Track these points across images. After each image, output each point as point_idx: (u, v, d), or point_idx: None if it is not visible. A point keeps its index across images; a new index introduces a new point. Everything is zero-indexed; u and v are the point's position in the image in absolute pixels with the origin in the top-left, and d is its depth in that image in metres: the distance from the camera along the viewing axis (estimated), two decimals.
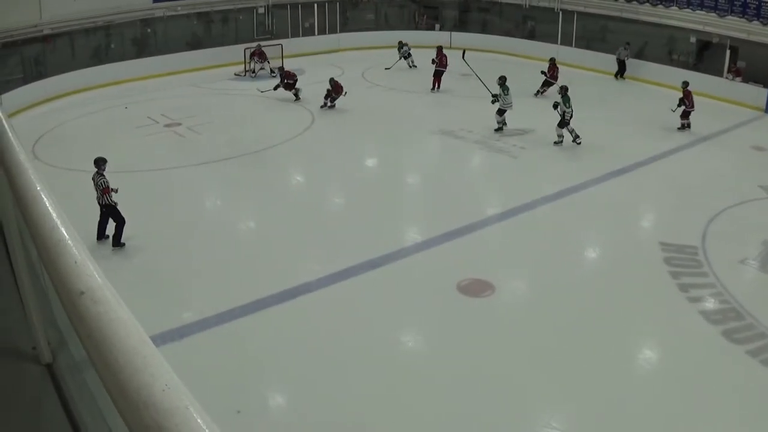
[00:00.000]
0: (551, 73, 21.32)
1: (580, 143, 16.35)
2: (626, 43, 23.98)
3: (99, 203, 11.20)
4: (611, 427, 7.38)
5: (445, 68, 21.89)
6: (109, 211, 11.24)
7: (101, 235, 11.32)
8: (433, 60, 22.01)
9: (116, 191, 11.19)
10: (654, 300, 9.93)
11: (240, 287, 10.01)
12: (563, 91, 16.63)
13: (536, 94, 21.31)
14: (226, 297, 9.66)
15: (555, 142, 16.64)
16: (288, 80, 20.73)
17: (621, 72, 24.11)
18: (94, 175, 11.28)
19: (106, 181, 11.14)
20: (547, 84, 21.33)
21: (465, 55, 19.73)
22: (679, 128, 18.04)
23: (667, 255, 11.21)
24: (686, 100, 17.97)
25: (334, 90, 19.79)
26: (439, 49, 22.46)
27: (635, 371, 8.58)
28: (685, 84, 18.22)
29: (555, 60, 21.99)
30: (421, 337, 9.36)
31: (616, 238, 12.11)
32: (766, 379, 8.24)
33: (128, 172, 14.60)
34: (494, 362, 8.41)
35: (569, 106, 16.19)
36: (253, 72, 24.27)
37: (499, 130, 17.56)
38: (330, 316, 9.39)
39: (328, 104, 19.83)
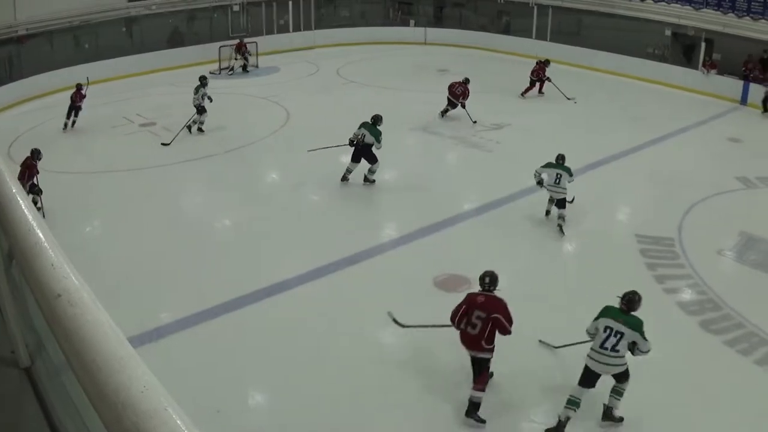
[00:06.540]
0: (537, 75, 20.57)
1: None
2: None
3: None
4: (589, 418, 7.43)
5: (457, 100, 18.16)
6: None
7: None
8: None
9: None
10: None
11: (218, 286, 9.94)
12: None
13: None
14: (205, 296, 9.61)
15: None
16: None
17: None
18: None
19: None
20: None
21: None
22: None
23: (644, 247, 11.30)
24: None
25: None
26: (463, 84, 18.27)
27: None
28: None
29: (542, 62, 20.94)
30: (398, 332, 9.36)
31: (593, 231, 12.17)
32: (743, 369, 8.35)
33: (106, 172, 14.51)
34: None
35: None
36: (245, 68, 24.48)
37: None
38: (308, 314, 9.37)
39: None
